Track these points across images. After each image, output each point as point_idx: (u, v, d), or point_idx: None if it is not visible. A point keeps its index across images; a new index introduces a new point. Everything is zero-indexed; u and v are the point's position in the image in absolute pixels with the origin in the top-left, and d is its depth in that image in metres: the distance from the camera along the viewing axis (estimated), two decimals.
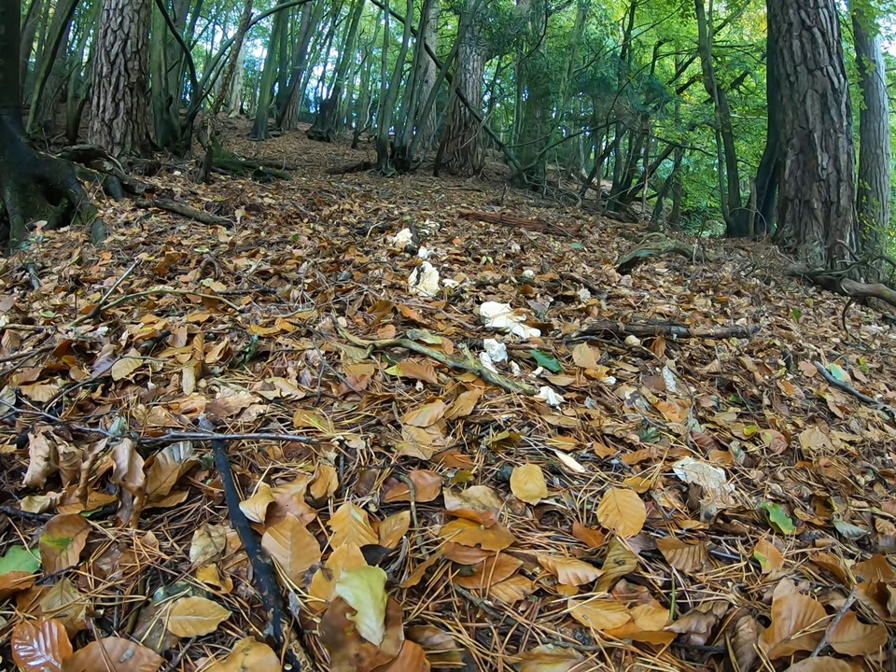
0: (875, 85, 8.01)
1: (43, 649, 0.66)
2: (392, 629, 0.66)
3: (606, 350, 1.64)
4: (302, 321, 1.61)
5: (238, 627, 0.70)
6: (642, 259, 3.08)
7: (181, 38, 8.32)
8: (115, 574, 0.78)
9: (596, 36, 12.44)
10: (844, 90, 5.58)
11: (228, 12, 21.95)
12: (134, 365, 1.30)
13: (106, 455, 0.95)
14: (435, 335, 1.50)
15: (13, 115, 4.59)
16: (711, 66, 9.10)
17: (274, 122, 14.96)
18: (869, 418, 1.74)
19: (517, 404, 1.23)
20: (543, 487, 0.96)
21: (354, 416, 1.14)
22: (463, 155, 10.15)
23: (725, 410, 1.50)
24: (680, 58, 14.96)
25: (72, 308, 1.84)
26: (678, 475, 1.08)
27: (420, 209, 4.57)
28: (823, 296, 4.25)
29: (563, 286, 2.29)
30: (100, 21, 5.95)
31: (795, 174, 5.75)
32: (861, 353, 2.64)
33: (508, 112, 19.34)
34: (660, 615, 0.74)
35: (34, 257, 2.58)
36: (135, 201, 3.43)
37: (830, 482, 1.24)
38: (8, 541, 0.84)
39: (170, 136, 7.23)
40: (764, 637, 0.71)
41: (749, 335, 1.85)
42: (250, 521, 0.84)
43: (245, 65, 22.80)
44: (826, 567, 0.90)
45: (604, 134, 14.87)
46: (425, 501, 0.92)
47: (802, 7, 5.66)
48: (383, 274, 2.10)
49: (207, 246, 2.45)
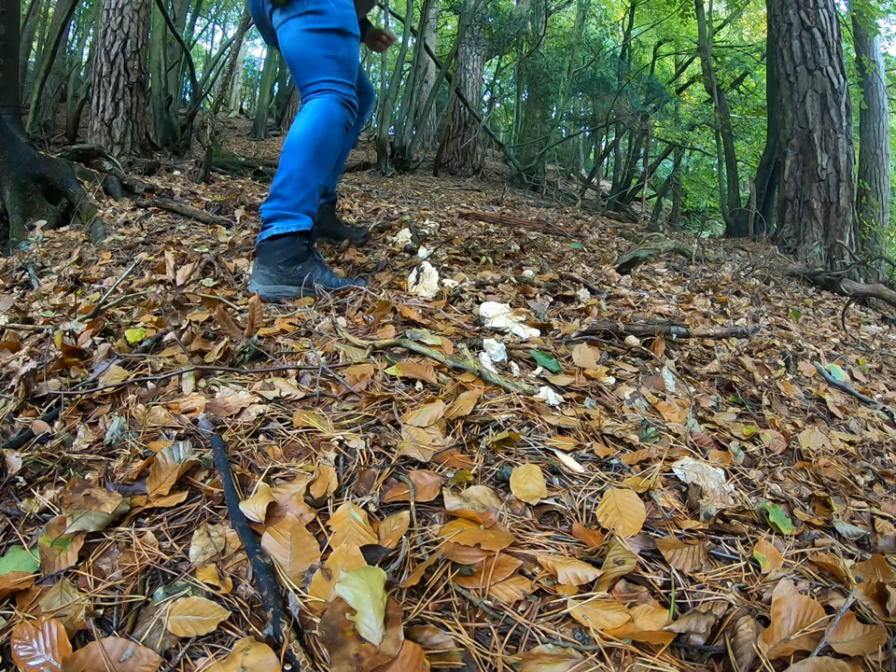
0: (875, 85, 8.02)
1: (42, 648, 0.66)
2: (392, 629, 0.66)
3: (605, 350, 1.64)
4: (302, 321, 1.61)
5: (238, 627, 0.70)
6: (642, 259, 3.09)
7: (181, 38, 8.32)
8: (114, 574, 0.78)
9: (596, 36, 12.45)
10: (843, 90, 5.58)
11: (228, 12, 21.96)
12: (123, 374, 1.30)
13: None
14: (434, 335, 1.50)
15: (13, 114, 4.59)
16: (711, 66, 9.11)
17: (274, 122, 14.95)
18: (868, 418, 1.74)
19: (517, 404, 1.23)
20: (543, 487, 0.96)
21: (353, 416, 1.14)
22: (463, 155, 10.15)
23: (725, 410, 1.50)
24: (680, 58, 14.97)
25: (71, 308, 1.84)
26: (677, 475, 1.08)
27: (420, 209, 4.57)
28: (823, 296, 4.25)
29: (562, 286, 2.29)
30: (100, 20, 5.95)
31: (795, 174, 5.75)
32: (861, 353, 2.64)
33: (508, 112, 19.34)
34: (659, 615, 0.74)
35: (33, 256, 2.58)
36: (135, 200, 3.43)
37: (829, 482, 1.24)
38: (8, 541, 0.84)
39: (170, 136, 7.23)
40: (764, 637, 0.71)
41: (748, 335, 1.85)
42: (250, 521, 0.84)
43: (244, 65, 22.80)
44: (825, 567, 0.90)
45: (603, 134, 14.88)
46: (424, 501, 0.92)
47: (802, 7, 5.66)
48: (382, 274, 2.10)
49: (207, 246, 2.45)
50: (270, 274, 1.77)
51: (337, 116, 1.81)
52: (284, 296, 1.78)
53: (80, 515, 0.83)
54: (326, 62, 1.80)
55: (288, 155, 1.82)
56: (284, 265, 1.76)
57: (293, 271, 1.77)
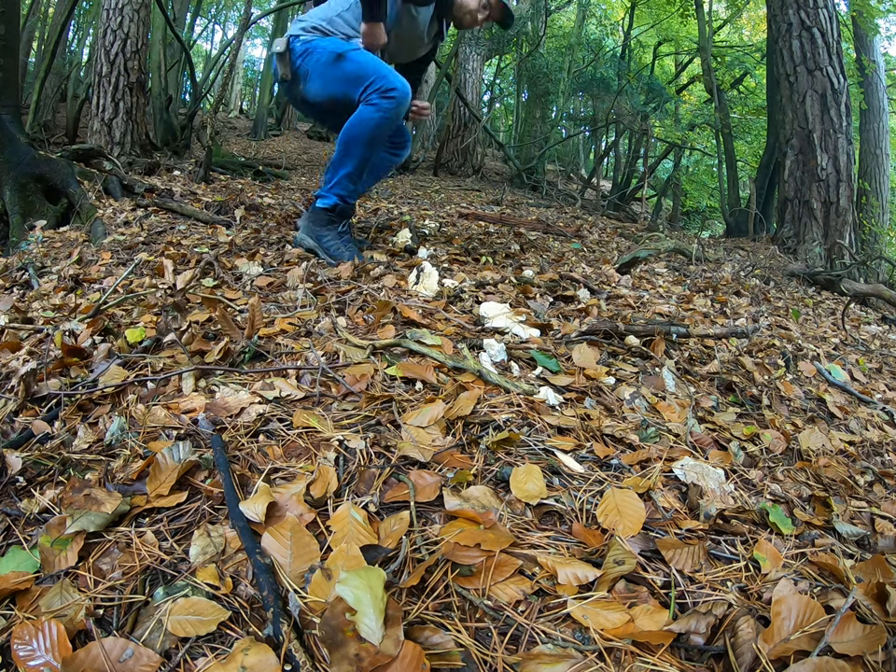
0: (875, 85, 8.02)
1: (42, 648, 0.66)
2: (392, 629, 0.66)
3: (605, 350, 1.64)
4: (302, 321, 1.61)
5: (238, 627, 0.70)
6: (642, 259, 3.08)
7: (181, 38, 8.32)
8: (114, 574, 0.78)
9: (596, 36, 12.45)
10: (843, 90, 5.58)
11: (228, 12, 21.96)
12: (123, 374, 1.30)
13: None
14: (434, 335, 1.50)
15: (13, 114, 4.59)
16: (711, 66, 9.11)
17: (274, 122, 14.94)
18: (868, 418, 1.74)
19: (517, 404, 1.23)
20: (543, 487, 0.96)
21: (353, 416, 1.14)
22: (462, 155, 10.14)
23: (725, 410, 1.50)
24: (680, 58, 14.97)
25: (71, 308, 1.84)
26: (677, 475, 1.08)
27: (420, 209, 4.57)
28: (823, 296, 4.25)
29: (562, 286, 2.29)
30: (100, 20, 5.95)
31: (795, 174, 5.75)
32: (861, 353, 2.64)
33: (508, 112, 19.34)
34: (659, 615, 0.74)
35: (33, 256, 2.58)
36: (135, 200, 3.43)
37: (829, 482, 1.24)
38: (8, 541, 0.84)
39: (169, 136, 7.23)
40: (764, 637, 0.71)
41: (748, 335, 1.85)
42: (250, 521, 0.84)
43: (244, 65, 22.80)
44: (825, 567, 0.90)
45: (603, 134, 14.89)
46: (424, 501, 0.92)
47: (802, 7, 5.67)
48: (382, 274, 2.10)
49: (207, 246, 2.45)
50: (304, 228, 2.41)
51: (367, 115, 2.17)
52: (304, 245, 2.37)
53: (80, 515, 0.83)
54: (345, 86, 2.20)
55: (334, 151, 2.35)
56: (313, 224, 2.37)
57: (316, 230, 2.36)
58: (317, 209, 2.36)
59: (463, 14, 2.39)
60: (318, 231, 2.35)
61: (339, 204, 2.34)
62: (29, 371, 1.23)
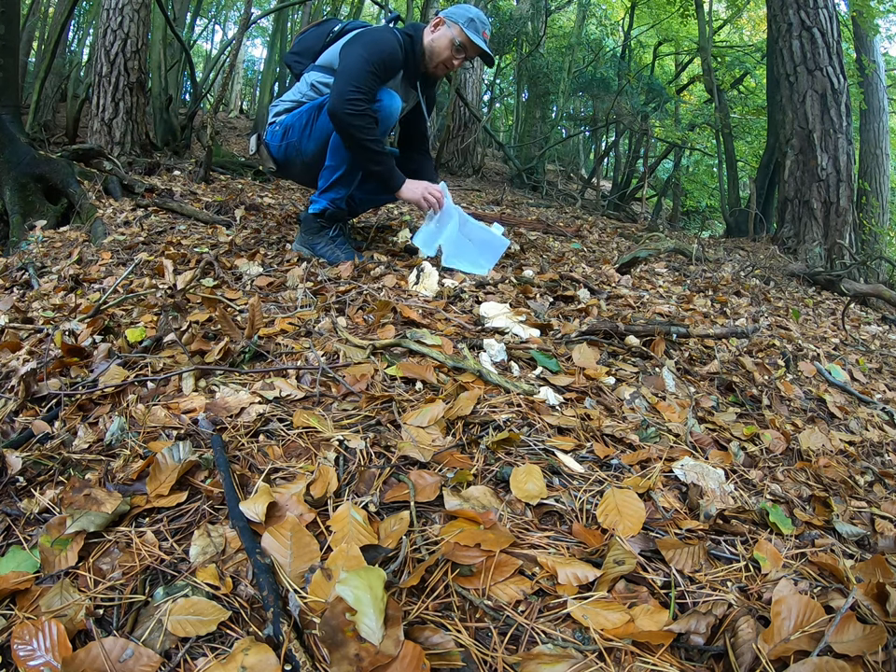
0: (875, 85, 8.01)
1: (42, 648, 0.66)
2: (392, 629, 0.66)
3: (605, 350, 1.64)
4: (302, 321, 1.61)
5: (238, 627, 0.70)
6: (642, 259, 3.08)
7: (181, 38, 8.31)
8: (114, 574, 0.78)
9: (596, 36, 12.45)
10: (843, 90, 5.58)
11: (228, 12, 21.95)
12: (123, 374, 1.30)
13: None
14: (435, 335, 1.50)
15: (13, 114, 4.59)
16: (711, 66, 9.11)
17: None
18: (868, 418, 1.74)
19: (517, 404, 1.23)
20: (543, 487, 0.96)
21: (353, 416, 1.14)
22: (463, 155, 10.14)
23: (725, 410, 1.50)
24: (680, 58, 14.97)
25: (71, 308, 1.83)
26: (677, 475, 1.08)
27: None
28: (823, 296, 4.25)
29: (562, 286, 2.29)
30: (100, 20, 5.94)
31: (795, 174, 5.75)
32: (861, 353, 2.64)
33: (508, 112, 19.34)
34: (659, 615, 0.74)
35: (33, 256, 2.58)
36: (135, 200, 3.43)
37: (829, 482, 1.24)
38: (8, 541, 0.84)
39: (170, 136, 7.23)
40: (764, 637, 0.71)
41: (748, 335, 1.85)
42: (250, 521, 0.84)
43: (244, 65, 22.79)
44: (825, 567, 0.90)
45: (603, 134, 14.89)
46: (424, 501, 0.92)
47: (802, 7, 5.67)
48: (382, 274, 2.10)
49: (207, 246, 2.45)
50: (298, 238, 2.46)
51: (344, 128, 2.16)
52: (302, 252, 2.41)
53: (80, 515, 0.83)
54: (321, 139, 2.29)
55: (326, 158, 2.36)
56: (305, 234, 2.41)
57: (308, 239, 2.39)
58: (308, 216, 2.37)
59: (436, 64, 2.32)
60: (310, 239, 2.37)
61: (328, 209, 2.33)
62: (29, 371, 1.23)
